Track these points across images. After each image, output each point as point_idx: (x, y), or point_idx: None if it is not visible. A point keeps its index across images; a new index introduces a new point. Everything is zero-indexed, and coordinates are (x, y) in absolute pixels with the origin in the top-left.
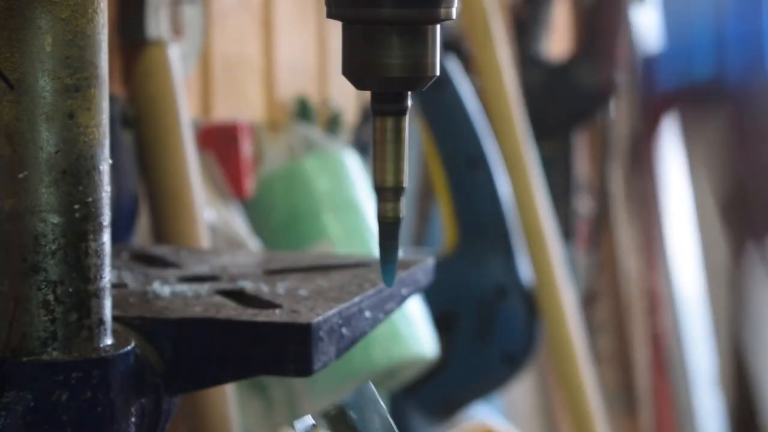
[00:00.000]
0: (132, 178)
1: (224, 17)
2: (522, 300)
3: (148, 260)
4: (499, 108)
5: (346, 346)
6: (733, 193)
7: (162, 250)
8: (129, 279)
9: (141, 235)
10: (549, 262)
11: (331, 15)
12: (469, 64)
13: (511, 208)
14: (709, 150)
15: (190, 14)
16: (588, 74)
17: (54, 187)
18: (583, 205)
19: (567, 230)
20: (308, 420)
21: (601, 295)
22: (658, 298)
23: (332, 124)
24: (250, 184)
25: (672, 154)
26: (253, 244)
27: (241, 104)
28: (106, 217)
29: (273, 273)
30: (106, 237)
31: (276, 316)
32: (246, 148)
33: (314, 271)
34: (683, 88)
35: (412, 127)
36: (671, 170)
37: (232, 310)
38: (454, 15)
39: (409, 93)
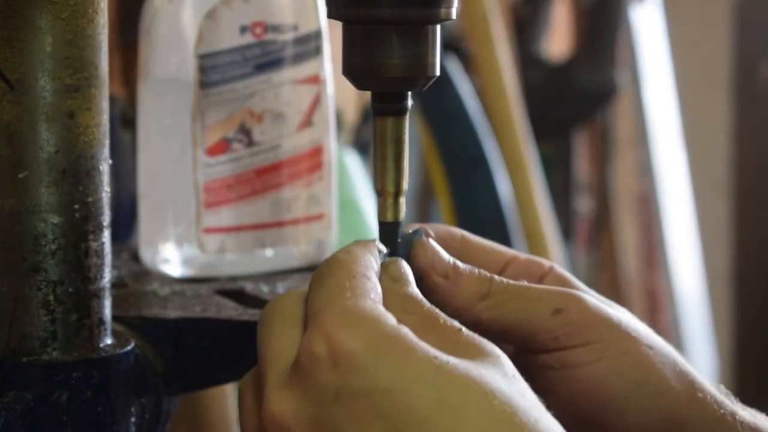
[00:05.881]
0: (132, 178)
1: None
2: None
3: None
4: (499, 108)
5: None
6: None
7: None
8: (129, 279)
9: None
10: None
11: (331, 15)
12: (469, 64)
13: (511, 208)
14: None
15: None
16: (588, 74)
17: (54, 187)
18: (583, 205)
19: (567, 230)
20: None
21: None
22: (658, 298)
23: None
24: None
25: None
26: None
27: None
28: (106, 217)
29: (273, 273)
30: (106, 237)
31: None
32: None
33: (314, 272)
34: None
35: (412, 127)
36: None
37: (232, 310)
38: (454, 15)
39: (410, 93)
